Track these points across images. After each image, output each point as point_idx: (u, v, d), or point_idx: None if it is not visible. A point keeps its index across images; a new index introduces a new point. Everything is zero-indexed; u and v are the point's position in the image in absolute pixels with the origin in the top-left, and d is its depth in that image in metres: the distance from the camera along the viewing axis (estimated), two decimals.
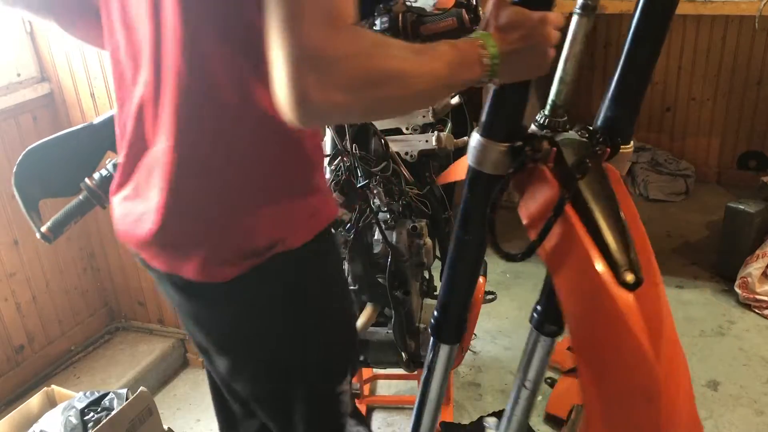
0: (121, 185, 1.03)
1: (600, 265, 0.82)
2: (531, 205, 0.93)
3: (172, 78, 0.89)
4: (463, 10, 1.32)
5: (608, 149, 0.96)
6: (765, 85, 3.60)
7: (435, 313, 1.09)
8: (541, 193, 0.91)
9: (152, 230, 0.95)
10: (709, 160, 3.87)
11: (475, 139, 0.93)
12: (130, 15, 0.94)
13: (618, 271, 0.81)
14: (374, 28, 1.39)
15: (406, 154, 1.66)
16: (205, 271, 0.95)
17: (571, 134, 0.97)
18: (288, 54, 0.71)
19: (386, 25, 1.37)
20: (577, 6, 0.93)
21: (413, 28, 1.38)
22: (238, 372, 1.10)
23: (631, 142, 0.99)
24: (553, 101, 0.97)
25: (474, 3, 1.33)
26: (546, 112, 0.97)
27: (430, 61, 0.82)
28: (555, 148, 0.91)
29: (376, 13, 1.39)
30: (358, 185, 1.48)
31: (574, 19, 0.94)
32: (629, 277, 0.81)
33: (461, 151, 1.66)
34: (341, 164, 1.54)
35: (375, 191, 1.52)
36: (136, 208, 0.99)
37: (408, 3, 1.40)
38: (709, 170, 3.87)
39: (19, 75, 2.19)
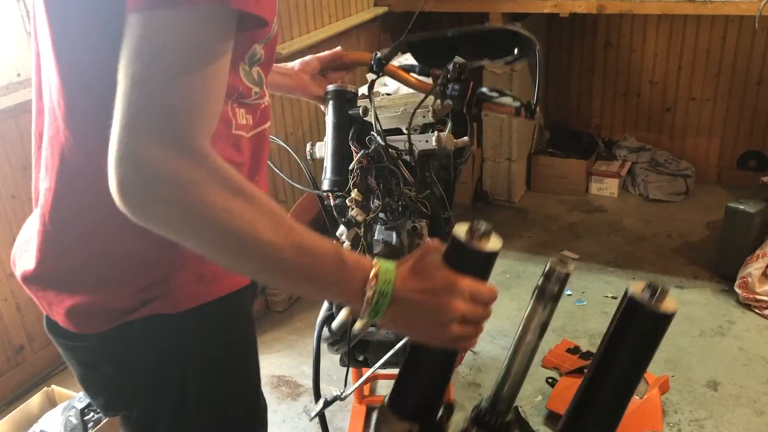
0: (37, 203, 0.95)
1: None
2: None
3: (61, 129, 0.85)
4: (524, 108, 1.36)
5: None
6: (765, 85, 3.60)
7: None
8: None
9: (31, 268, 0.91)
10: (709, 160, 3.87)
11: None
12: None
13: None
14: (446, 92, 1.38)
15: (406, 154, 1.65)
16: (73, 320, 0.90)
17: None
18: (115, 148, 0.67)
19: (456, 93, 1.37)
20: (535, 289, 0.76)
21: (478, 100, 1.39)
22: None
23: None
24: (495, 392, 0.79)
25: (534, 103, 1.37)
26: (485, 403, 0.79)
27: (290, 250, 0.71)
28: None
29: (449, 72, 1.37)
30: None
31: (529, 303, 0.77)
32: None
33: (461, 150, 1.66)
34: (356, 165, 1.53)
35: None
36: (34, 237, 0.92)
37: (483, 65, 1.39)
38: (709, 170, 3.87)
39: (19, 75, 2.19)
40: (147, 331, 0.90)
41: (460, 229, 0.75)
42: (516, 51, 1.37)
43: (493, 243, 0.75)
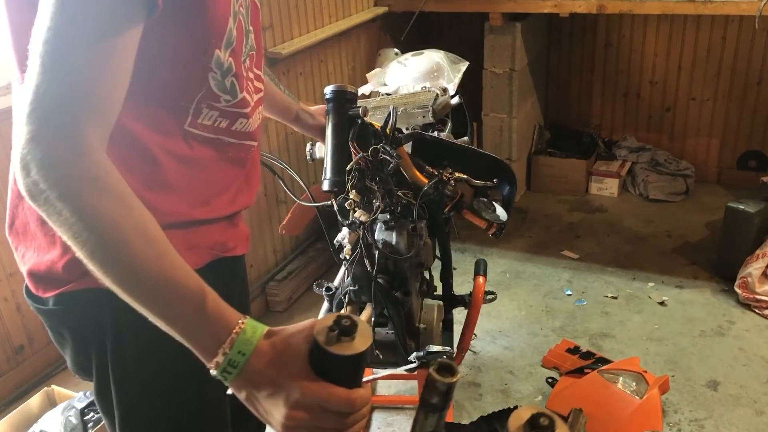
0: None
1: None
2: None
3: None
4: (494, 226, 1.58)
5: None
6: (765, 85, 3.60)
7: None
8: None
9: (7, 222, 0.98)
10: (709, 160, 3.87)
11: None
12: None
13: None
14: (438, 188, 1.50)
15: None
16: (32, 279, 0.95)
17: None
18: (18, 120, 0.66)
19: (448, 193, 1.51)
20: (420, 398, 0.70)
21: (460, 207, 1.53)
22: None
23: None
24: None
25: (503, 227, 1.57)
26: None
27: (151, 275, 0.66)
28: None
29: (442, 175, 1.49)
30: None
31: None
32: None
33: None
34: (354, 166, 1.54)
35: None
36: None
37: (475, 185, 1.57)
38: (709, 170, 3.87)
39: None
40: (87, 302, 0.92)
41: (321, 326, 0.66)
42: (495, 180, 1.57)
43: (358, 343, 0.65)
